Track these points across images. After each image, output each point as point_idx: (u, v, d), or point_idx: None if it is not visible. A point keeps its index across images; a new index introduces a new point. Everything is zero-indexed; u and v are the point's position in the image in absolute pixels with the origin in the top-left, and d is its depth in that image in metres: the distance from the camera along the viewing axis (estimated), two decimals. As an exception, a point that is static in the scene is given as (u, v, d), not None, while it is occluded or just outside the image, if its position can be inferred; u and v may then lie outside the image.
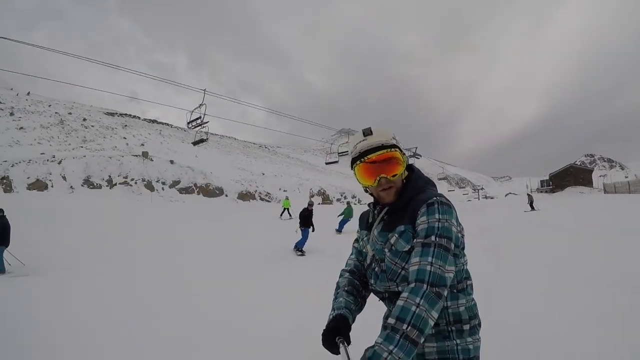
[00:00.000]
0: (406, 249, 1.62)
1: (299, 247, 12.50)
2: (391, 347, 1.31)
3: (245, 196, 45.77)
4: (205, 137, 19.35)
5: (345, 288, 1.82)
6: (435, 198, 1.62)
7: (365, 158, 1.72)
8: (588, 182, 57.16)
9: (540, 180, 65.03)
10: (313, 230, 13.39)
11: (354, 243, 1.97)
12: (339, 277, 1.92)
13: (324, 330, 1.65)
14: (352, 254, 1.97)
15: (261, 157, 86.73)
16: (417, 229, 1.58)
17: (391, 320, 1.38)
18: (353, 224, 17.60)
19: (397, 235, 1.65)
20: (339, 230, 17.58)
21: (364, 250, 1.87)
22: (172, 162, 45.96)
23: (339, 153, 26.88)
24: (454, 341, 1.62)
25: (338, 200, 58.60)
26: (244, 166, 63.51)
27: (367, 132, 1.73)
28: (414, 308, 1.38)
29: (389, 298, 1.73)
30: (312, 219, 13.43)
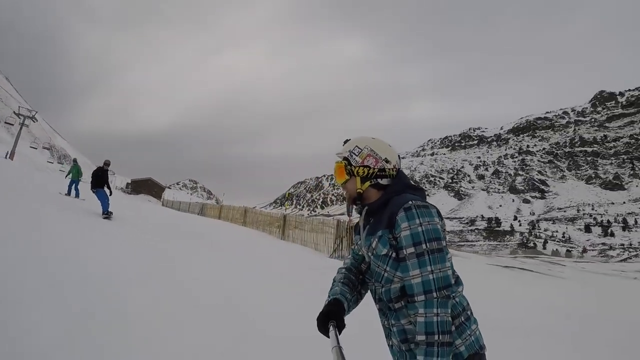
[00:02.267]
0: (384, 252, 1.66)
1: (104, 211, 11.65)
2: (435, 359, 1.44)
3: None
4: None
5: (342, 280, 1.89)
6: (411, 202, 1.62)
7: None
8: (158, 195, 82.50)
9: (126, 182, 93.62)
10: (111, 193, 12.35)
11: (352, 245, 1.96)
12: (336, 274, 1.97)
13: (318, 314, 1.71)
14: (350, 254, 2.05)
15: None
16: (401, 235, 1.60)
17: (421, 337, 1.47)
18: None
19: (376, 240, 1.70)
20: (68, 194, 15.68)
21: (360, 253, 1.93)
22: None
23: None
24: None
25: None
26: None
27: (345, 142, 1.94)
28: (435, 319, 1.47)
29: (381, 301, 1.77)
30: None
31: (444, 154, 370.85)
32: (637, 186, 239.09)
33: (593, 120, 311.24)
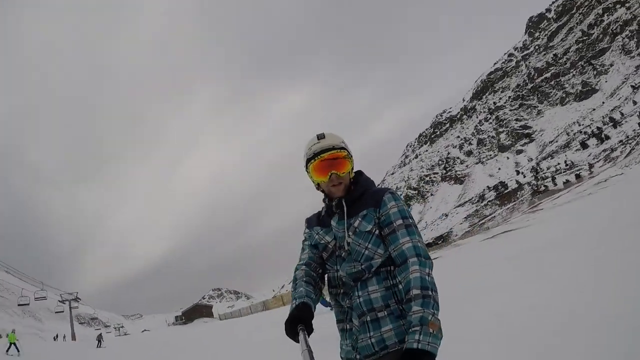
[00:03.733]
0: (368, 229, 1.86)
1: None
2: (432, 310, 1.55)
3: None
4: None
5: (304, 279, 1.93)
6: (391, 189, 1.95)
7: (319, 157, 1.95)
8: (210, 314, 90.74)
9: (175, 316, 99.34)
10: None
11: (303, 242, 2.14)
12: (295, 271, 2.04)
13: (286, 319, 1.73)
14: (303, 251, 2.11)
15: None
16: (389, 212, 1.83)
17: (417, 291, 1.59)
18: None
19: (360, 219, 1.88)
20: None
21: (322, 242, 2.02)
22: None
23: None
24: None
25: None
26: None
27: (321, 136, 1.99)
28: (428, 277, 1.63)
29: (345, 284, 1.88)
30: None
31: (426, 150, 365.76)
32: (606, 81, 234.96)
33: (537, 47, 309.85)
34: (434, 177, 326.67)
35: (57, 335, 79.56)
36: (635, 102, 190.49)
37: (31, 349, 25.46)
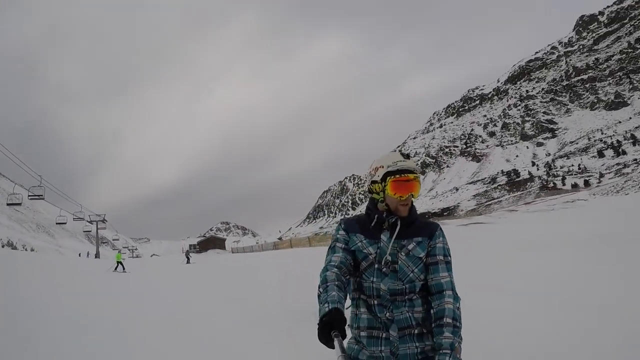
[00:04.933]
0: (420, 255, 2.06)
1: None
2: (458, 339, 1.86)
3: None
4: None
5: (336, 283, 1.97)
6: (441, 226, 2.21)
7: (403, 175, 2.07)
8: (223, 247, 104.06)
9: (190, 244, 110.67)
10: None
11: (336, 242, 2.21)
12: (326, 272, 2.05)
13: (319, 324, 1.77)
14: (335, 253, 2.15)
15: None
16: (436, 245, 2.08)
17: (449, 320, 1.90)
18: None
19: (415, 244, 2.07)
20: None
21: (365, 251, 2.11)
22: None
23: None
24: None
25: None
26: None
27: (406, 156, 2.14)
28: (458, 312, 1.94)
29: (382, 297, 2.04)
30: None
31: (452, 122, 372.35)
32: (639, 98, 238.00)
33: (581, 47, 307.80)
34: (454, 149, 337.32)
35: (80, 254, 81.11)
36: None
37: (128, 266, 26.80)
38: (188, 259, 37.71)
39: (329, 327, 1.74)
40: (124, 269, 25.84)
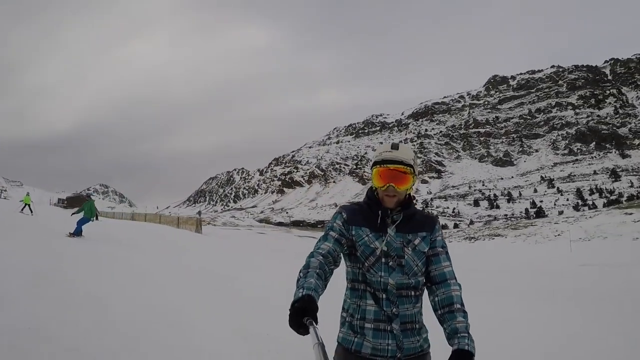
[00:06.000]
0: (425, 250, 2.06)
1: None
2: (468, 322, 1.90)
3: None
4: None
5: (317, 270, 1.94)
6: (438, 218, 2.18)
7: (384, 165, 2.02)
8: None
9: (58, 198, 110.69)
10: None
11: (329, 231, 2.12)
12: (310, 257, 2.02)
13: (291, 310, 1.72)
14: (326, 241, 2.08)
15: None
16: (437, 238, 2.10)
17: (459, 305, 1.94)
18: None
19: (420, 239, 2.06)
20: (75, 234, 14.22)
21: (371, 246, 2.05)
22: None
23: None
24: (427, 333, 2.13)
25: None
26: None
27: (395, 147, 2.05)
28: (462, 297, 1.99)
29: (388, 291, 2.02)
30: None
31: (349, 141, 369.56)
32: (524, 162, 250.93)
33: (486, 102, 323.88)
34: (344, 167, 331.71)
35: None
36: (535, 190, 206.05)
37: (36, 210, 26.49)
38: (31, 210, 28.76)
39: (301, 314, 1.70)
40: (31, 211, 25.87)
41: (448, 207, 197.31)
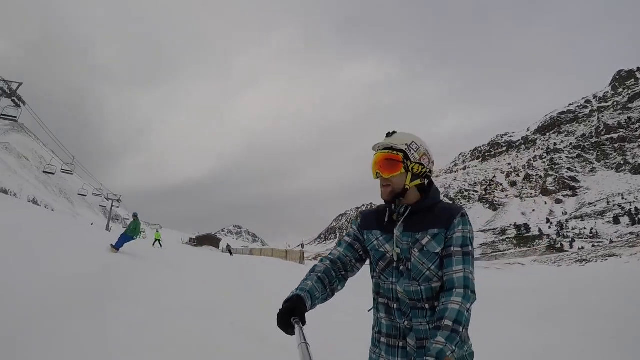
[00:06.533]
0: (437, 250, 1.80)
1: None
2: (453, 347, 1.56)
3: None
4: None
5: (319, 274, 1.90)
6: (464, 210, 1.87)
7: (374, 153, 1.95)
8: (217, 245, 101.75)
9: (190, 237, 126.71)
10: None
11: (345, 236, 2.10)
12: (318, 262, 2.00)
13: (279, 310, 1.71)
14: (339, 247, 2.06)
15: None
16: (453, 236, 1.80)
17: (449, 322, 1.61)
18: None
19: (429, 237, 1.82)
20: (117, 247, 14.12)
21: (382, 250, 1.93)
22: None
23: None
24: None
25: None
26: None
27: (390, 134, 1.97)
28: (466, 313, 1.66)
29: (401, 301, 1.85)
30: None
31: (476, 166, 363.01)
32: None
33: (615, 103, 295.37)
34: (473, 194, 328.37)
35: (92, 223, 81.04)
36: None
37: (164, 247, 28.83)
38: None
39: (289, 313, 1.67)
40: (161, 245, 29.27)
41: (585, 228, 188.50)
